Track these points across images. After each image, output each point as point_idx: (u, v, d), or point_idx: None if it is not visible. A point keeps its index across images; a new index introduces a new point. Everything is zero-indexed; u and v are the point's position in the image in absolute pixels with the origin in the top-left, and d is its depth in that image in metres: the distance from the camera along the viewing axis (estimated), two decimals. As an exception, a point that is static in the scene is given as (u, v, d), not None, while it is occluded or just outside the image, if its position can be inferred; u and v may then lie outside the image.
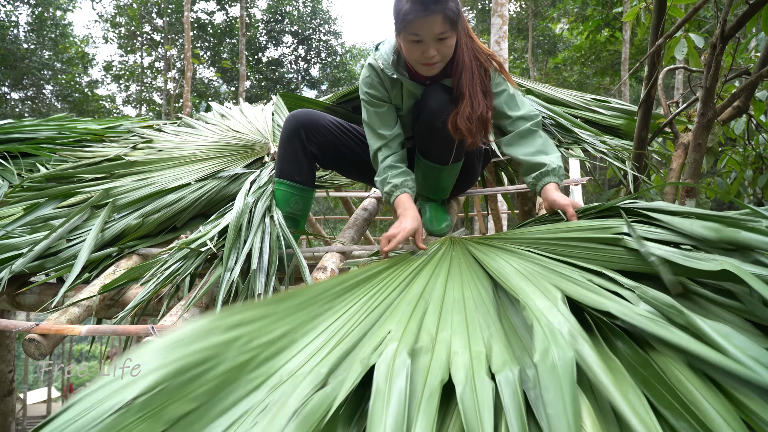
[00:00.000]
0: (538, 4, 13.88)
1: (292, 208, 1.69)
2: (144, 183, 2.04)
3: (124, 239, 1.78)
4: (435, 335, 0.76)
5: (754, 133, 2.37)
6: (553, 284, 0.83)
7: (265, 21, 16.69)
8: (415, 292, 0.94)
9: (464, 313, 0.84)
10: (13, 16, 13.34)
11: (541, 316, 0.72)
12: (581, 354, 0.62)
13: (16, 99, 14.16)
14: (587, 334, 0.70)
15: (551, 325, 0.69)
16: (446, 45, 1.37)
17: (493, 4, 6.31)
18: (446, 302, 0.89)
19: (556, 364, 0.60)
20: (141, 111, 15.53)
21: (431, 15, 1.29)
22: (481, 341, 0.74)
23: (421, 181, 1.71)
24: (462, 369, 0.66)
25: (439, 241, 1.26)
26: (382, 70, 1.54)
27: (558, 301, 0.75)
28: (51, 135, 2.63)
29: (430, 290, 0.94)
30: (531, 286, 0.84)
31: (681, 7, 1.98)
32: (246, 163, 2.19)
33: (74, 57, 14.46)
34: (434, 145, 1.58)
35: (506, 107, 1.53)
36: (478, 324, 0.80)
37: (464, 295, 0.91)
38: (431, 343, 0.73)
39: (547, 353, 0.62)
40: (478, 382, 0.63)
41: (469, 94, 1.41)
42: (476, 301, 0.89)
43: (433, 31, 1.32)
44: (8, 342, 2.98)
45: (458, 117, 1.41)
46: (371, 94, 1.57)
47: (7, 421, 2.98)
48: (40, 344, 1.26)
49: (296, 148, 1.67)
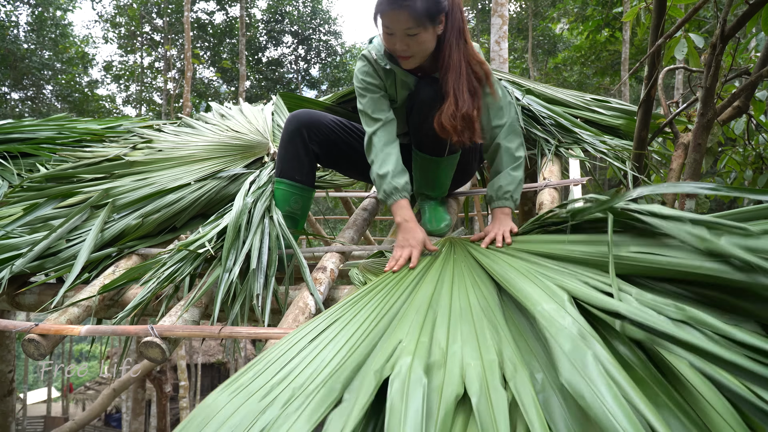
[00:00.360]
0: (538, 4, 13.87)
1: (292, 207, 1.69)
2: (144, 183, 2.04)
3: (124, 239, 1.77)
4: (446, 348, 0.76)
5: (754, 133, 2.37)
6: (558, 285, 0.83)
7: (265, 21, 16.68)
8: (422, 299, 0.94)
9: (472, 320, 0.84)
10: (13, 16, 13.33)
11: (550, 323, 0.71)
12: (595, 353, 0.62)
13: (16, 99, 14.16)
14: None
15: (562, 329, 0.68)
16: (416, 41, 1.40)
17: (493, 4, 6.31)
18: (453, 310, 0.88)
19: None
20: (141, 111, 15.53)
21: (397, 10, 1.33)
22: (493, 349, 0.74)
23: (419, 177, 1.71)
24: (476, 380, 0.66)
25: (440, 242, 1.26)
26: (376, 61, 1.57)
27: (565, 303, 0.75)
28: (51, 135, 2.63)
29: (437, 298, 0.94)
30: (536, 289, 0.84)
31: (681, 7, 1.98)
32: (246, 164, 2.19)
33: (74, 57, 14.45)
34: (428, 136, 1.57)
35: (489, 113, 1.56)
36: (488, 331, 0.80)
37: (470, 302, 0.91)
38: (443, 358, 0.73)
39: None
40: (492, 391, 0.63)
41: (453, 93, 1.41)
42: (482, 306, 0.89)
43: (400, 26, 1.37)
44: (8, 342, 2.98)
45: (442, 115, 1.42)
46: (367, 81, 1.58)
47: (7, 421, 2.97)
48: (40, 344, 1.26)
49: (298, 147, 1.68)
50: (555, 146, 2.12)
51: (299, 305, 1.29)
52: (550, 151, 2.09)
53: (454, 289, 0.97)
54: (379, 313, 0.90)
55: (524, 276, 0.91)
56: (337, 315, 0.91)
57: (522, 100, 2.33)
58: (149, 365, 5.83)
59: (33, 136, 2.57)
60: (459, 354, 0.73)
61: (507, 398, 0.61)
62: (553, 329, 0.68)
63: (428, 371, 0.69)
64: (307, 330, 0.87)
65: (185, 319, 1.30)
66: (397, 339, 0.78)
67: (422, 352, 0.74)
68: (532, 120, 2.28)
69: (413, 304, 0.92)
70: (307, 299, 1.32)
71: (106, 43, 15.78)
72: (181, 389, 7.15)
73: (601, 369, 0.59)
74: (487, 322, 0.82)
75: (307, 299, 1.32)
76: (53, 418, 16.37)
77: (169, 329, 1.20)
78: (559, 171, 2.02)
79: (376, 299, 0.95)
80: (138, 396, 9.10)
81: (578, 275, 0.90)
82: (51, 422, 15.82)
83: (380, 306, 0.92)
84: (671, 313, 0.70)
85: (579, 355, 0.62)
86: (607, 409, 0.54)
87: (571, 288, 0.80)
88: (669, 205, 1.84)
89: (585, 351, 0.62)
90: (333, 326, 0.87)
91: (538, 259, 1.01)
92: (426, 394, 0.64)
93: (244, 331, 1.18)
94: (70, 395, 17.63)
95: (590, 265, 0.94)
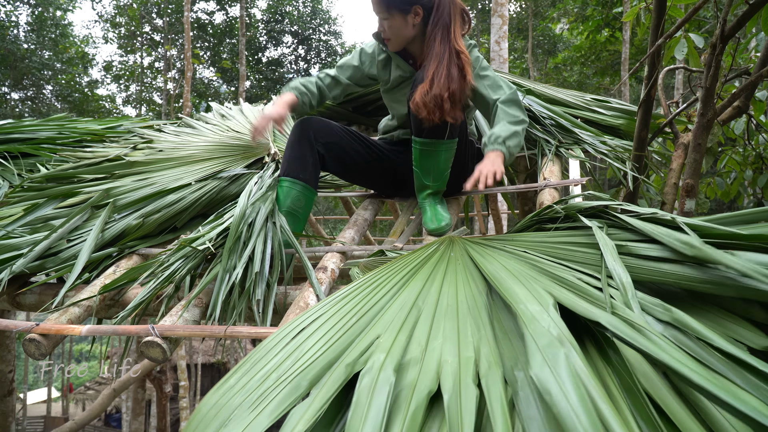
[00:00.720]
0: (538, 4, 13.87)
1: (295, 205, 1.71)
2: (144, 183, 2.04)
3: (125, 239, 1.78)
4: (426, 344, 0.77)
5: (754, 133, 2.37)
6: (546, 289, 0.83)
7: (265, 21, 16.68)
8: (409, 296, 0.94)
9: (457, 318, 0.84)
10: (13, 16, 13.33)
11: (531, 321, 0.72)
12: (568, 353, 0.62)
13: (16, 99, 14.16)
14: (589, 339, 0.71)
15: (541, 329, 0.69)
16: (390, 26, 1.64)
17: (493, 4, 6.31)
18: (440, 307, 0.89)
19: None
20: (141, 111, 15.53)
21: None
22: (471, 346, 0.74)
23: (419, 167, 1.74)
24: (450, 377, 0.66)
25: (438, 240, 1.26)
26: (374, 52, 1.83)
27: (549, 306, 0.76)
28: (51, 135, 2.63)
29: (425, 295, 0.95)
30: (523, 290, 0.85)
31: (681, 7, 1.98)
32: (246, 164, 2.19)
33: (74, 57, 14.45)
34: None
35: (490, 90, 1.72)
36: (470, 328, 0.80)
37: (458, 300, 0.91)
38: (421, 354, 0.74)
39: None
40: (463, 389, 0.63)
41: (432, 77, 1.55)
42: (470, 304, 0.89)
43: (377, 12, 1.64)
44: (8, 342, 2.98)
45: (417, 93, 1.57)
46: (360, 54, 1.86)
47: (7, 421, 2.98)
48: (40, 344, 1.26)
49: (304, 147, 1.74)
50: (555, 146, 2.12)
51: (300, 305, 1.30)
52: (551, 152, 2.09)
53: (444, 287, 0.97)
54: (362, 309, 0.90)
55: (515, 277, 0.91)
56: (320, 311, 0.91)
57: (522, 100, 2.33)
58: (149, 365, 5.83)
59: (33, 136, 2.57)
60: (438, 351, 0.74)
61: (477, 396, 0.62)
62: (532, 326, 0.69)
63: (402, 367, 0.70)
64: (291, 327, 0.87)
65: (186, 318, 1.30)
66: (376, 334, 0.79)
67: (398, 348, 0.74)
68: (533, 120, 2.28)
69: (398, 300, 0.92)
70: (308, 299, 1.32)
71: (106, 43, 15.79)
72: (181, 389, 7.15)
73: (572, 368, 0.59)
74: (471, 320, 0.83)
75: (308, 299, 1.32)
76: (53, 418, 16.37)
77: (170, 329, 1.20)
78: (559, 171, 2.02)
79: (362, 295, 0.96)
80: (138, 396, 9.10)
81: (572, 272, 0.91)
82: (51, 422, 15.82)
83: (365, 302, 0.93)
84: (659, 314, 0.71)
85: (552, 352, 0.62)
86: (572, 408, 0.53)
87: (558, 294, 0.81)
88: (669, 205, 1.84)
89: (559, 349, 0.62)
90: (315, 322, 0.87)
91: (532, 258, 1.01)
92: (392, 391, 0.64)
93: (245, 331, 1.18)
94: (70, 395, 17.64)
95: (587, 263, 0.94)
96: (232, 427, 0.63)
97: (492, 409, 0.59)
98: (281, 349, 0.81)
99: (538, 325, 0.69)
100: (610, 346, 0.70)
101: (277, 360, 0.77)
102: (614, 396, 0.62)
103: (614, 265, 0.85)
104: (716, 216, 0.93)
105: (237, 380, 0.75)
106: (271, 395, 0.67)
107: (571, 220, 1.17)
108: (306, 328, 0.86)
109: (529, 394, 0.62)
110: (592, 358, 0.70)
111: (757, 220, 0.86)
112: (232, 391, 0.72)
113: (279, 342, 0.84)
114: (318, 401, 0.63)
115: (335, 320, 0.87)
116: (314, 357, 0.75)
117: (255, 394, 0.69)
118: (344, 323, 0.85)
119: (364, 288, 1.00)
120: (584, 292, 0.82)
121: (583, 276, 0.88)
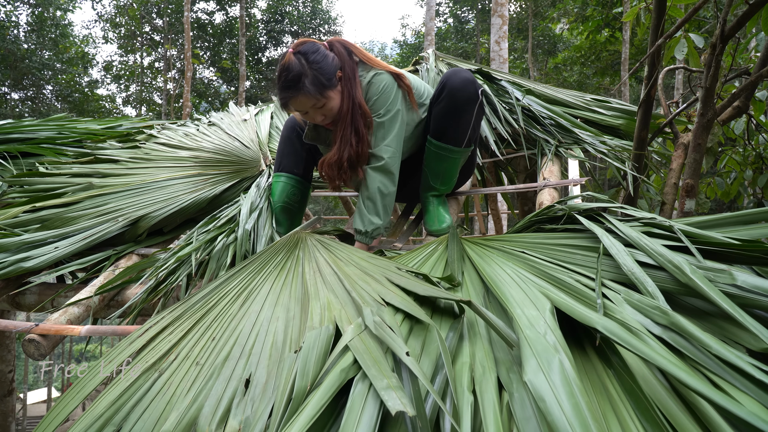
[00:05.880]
0: (538, 4, 13.87)
1: (290, 199, 1.74)
2: (140, 186, 2.04)
3: (123, 240, 1.78)
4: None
5: (754, 133, 2.37)
6: (544, 293, 0.83)
7: (264, 21, 16.68)
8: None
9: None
10: (13, 16, 13.33)
11: (526, 326, 0.73)
12: (562, 360, 0.63)
13: (16, 99, 14.16)
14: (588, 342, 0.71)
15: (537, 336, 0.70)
16: (327, 108, 1.50)
17: (493, 4, 6.30)
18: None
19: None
20: (141, 111, 15.53)
21: (296, 96, 1.45)
22: (467, 351, 0.75)
23: (431, 169, 1.70)
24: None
25: (437, 240, 1.26)
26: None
27: (546, 311, 0.76)
28: (51, 135, 2.62)
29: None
30: (521, 294, 0.85)
31: (681, 7, 1.98)
32: (244, 168, 2.19)
33: (74, 57, 14.45)
34: (452, 125, 1.60)
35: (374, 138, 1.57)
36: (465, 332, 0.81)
37: None
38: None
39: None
40: (459, 394, 0.64)
41: (340, 141, 1.51)
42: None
43: (304, 107, 1.49)
44: (8, 342, 2.98)
45: (324, 163, 1.55)
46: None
47: (7, 421, 2.97)
48: (40, 344, 1.26)
49: (294, 144, 1.75)
50: (555, 146, 2.12)
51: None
52: (550, 152, 2.09)
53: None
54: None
55: (512, 280, 0.91)
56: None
57: (522, 100, 2.33)
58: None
59: (33, 136, 2.57)
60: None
61: (472, 402, 0.62)
62: (528, 331, 0.69)
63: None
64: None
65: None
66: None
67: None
68: (532, 120, 2.28)
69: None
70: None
71: (106, 43, 15.80)
72: (181, 389, 7.13)
73: (565, 376, 0.59)
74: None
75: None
76: (53, 418, 16.31)
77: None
78: (558, 171, 2.02)
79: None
80: (138, 396, 9.08)
81: (571, 274, 0.90)
82: (51, 422, 15.76)
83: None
84: (656, 317, 0.71)
85: (547, 357, 0.63)
86: (566, 417, 0.54)
87: (555, 297, 0.80)
88: (669, 205, 1.84)
89: (553, 355, 0.63)
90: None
91: (531, 260, 1.01)
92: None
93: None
94: (70, 395, 17.58)
95: (586, 266, 0.94)
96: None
97: (485, 415, 0.59)
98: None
99: (533, 330, 0.70)
100: (611, 349, 0.70)
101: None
102: (614, 399, 0.61)
103: (632, 268, 0.84)
104: (716, 216, 0.92)
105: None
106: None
107: (571, 221, 1.17)
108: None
109: (525, 397, 0.62)
110: (591, 361, 0.70)
111: (757, 221, 0.86)
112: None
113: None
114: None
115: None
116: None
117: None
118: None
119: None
120: (582, 294, 0.82)
121: (581, 278, 0.88)
